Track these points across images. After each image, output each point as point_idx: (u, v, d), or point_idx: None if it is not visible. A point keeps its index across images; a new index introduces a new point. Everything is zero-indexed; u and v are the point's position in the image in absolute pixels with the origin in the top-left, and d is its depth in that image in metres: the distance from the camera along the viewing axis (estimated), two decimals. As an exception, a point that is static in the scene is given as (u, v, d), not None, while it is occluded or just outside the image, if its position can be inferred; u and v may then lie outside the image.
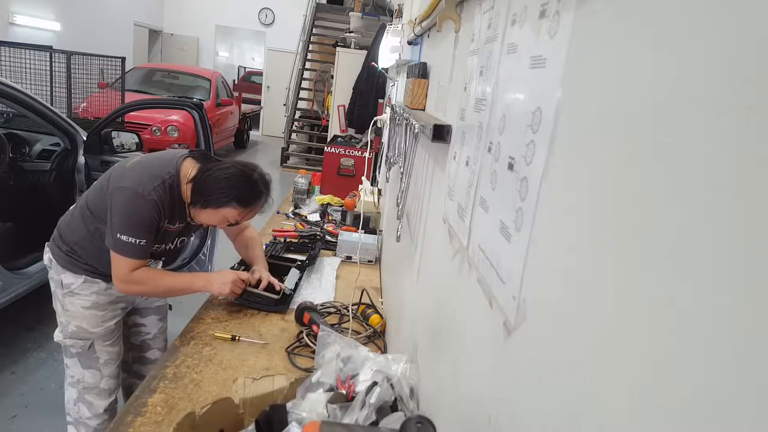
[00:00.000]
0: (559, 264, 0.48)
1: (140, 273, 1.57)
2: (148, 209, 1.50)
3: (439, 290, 1.01)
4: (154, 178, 1.53)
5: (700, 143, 0.31)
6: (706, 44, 0.31)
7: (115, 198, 1.51)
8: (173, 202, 1.57)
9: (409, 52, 2.05)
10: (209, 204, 1.55)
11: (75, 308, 1.66)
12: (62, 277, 1.65)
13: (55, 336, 1.71)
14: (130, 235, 1.50)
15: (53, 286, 1.69)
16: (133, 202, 1.49)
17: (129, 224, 1.50)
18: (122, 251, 1.52)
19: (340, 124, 6.29)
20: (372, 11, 6.63)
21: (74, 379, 1.72)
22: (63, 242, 1.66)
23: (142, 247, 1.53)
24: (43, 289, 2.89)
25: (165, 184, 1.53)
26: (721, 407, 0.27)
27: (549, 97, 0.53)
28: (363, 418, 0.99)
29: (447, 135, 1.04)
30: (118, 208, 1.50)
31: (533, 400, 0.50)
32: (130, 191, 1.50)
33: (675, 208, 0.32)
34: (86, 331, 1.67)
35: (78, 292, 1.65)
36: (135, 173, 1.54)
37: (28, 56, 5.10)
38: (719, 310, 0.28)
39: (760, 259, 0.25)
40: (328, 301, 1.95)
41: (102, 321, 1.69)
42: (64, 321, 1.68)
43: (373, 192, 2.93)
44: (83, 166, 3.09)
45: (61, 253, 1.65)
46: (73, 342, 1.68)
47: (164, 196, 1.53)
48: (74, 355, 1.70)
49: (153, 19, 11.70)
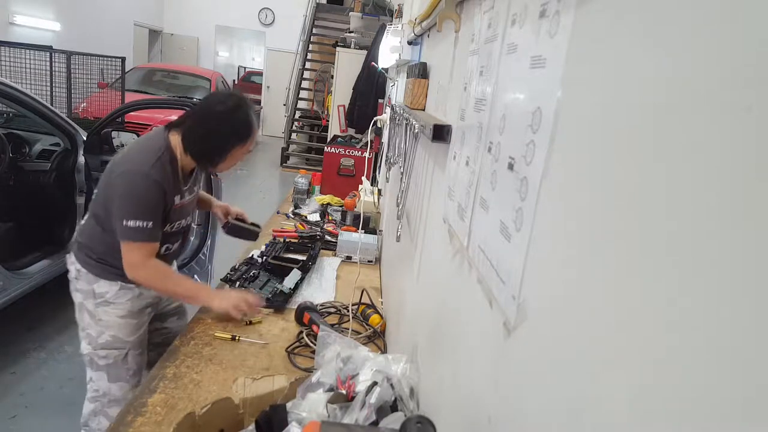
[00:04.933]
0: (559, 264, 0.48)
1: (155, 262, 1.56)
2: (151, 187, 1.48)
3: (439, 290, 1.01)
4: (149, 155, 1.51)
5: (700, 143, 0.31)
6: (706, 44, 0.31)
7: (116, 186, 1.49)
8: (173, 174, 1.56)
9: (409, 52, 2.05)
10: (219, 157, 1.58)
11: (110, 318, 1.62)
12: (95, 286, 1.61)
13: (82, 349, 1.66)
14: (137, 218, 1.47)
15: (80, 298, 1.63)
16: (135, 183, 1.47)
17: (134, 207, 1.48)
18: (132, 237, 1.49)
19: (340, 124, 6.29)
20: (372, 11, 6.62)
21: (99, 393, 1.67)
22: (92, 251, 1.62)
23: (150, 230, 1.50)
24: (43, 289, 2.89)
25: (161, 159, 1.51)
26: (721, 407, 0.27)
27: (549, 97, 0.53)
28: (363, 418, 0.99)
29: (447, 135, 1.04)
30: (120, 195, 1.49)
31: (533, 400, 0.50)
32: (129, 174, 1.48)
33: (675, 207, 0.32)
34: (122, 340, 1.63)
35: (113, 301, 1.61)
36: (128, 158, 1.53)
37: (28, 56, 5.10)
38: (719, 310, 0.28)
39: (760, 258, 0.25)
40: (328, 301, 1.95)
41: (136, 329, 1.67)
42: (93, 333, 1.62)
43: (373, 192, 2.93)
44: (83, 166, 3.08)
45: (92, 261, 1.61)
46: (106, 353, 1.63)
47: (163, 170, 1.51)
48: (102, 368, 1.65)
49: (153, 19, 11.70)
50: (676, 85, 0.34)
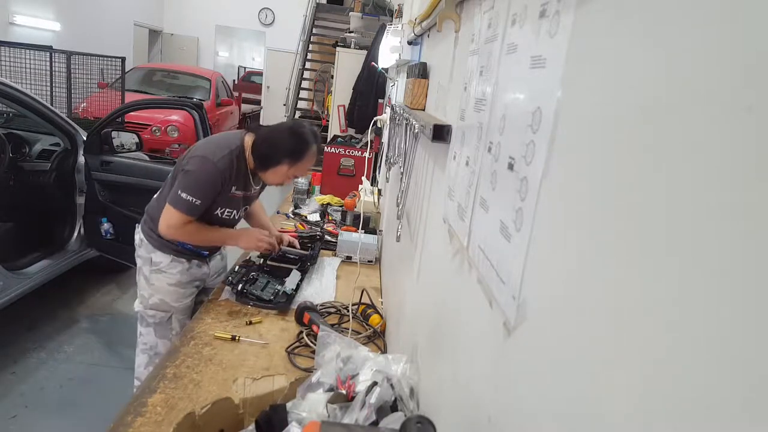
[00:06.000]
0: (559, 264, 0.48)
1: (189, 227, 1.77)
2: (214, 173, 1.72)
3: (439, 290, 1.01)
4: (223, 148, 1.75)
5: (700, 143, 0.31)
6: (706, 44, 0.31)
7: (188, 165, 1.74)
8: (239, 170, 1.79)
9: (409, 52, 2.05)
10: (268, 165, 1.79)
11: (160, 284, 1.88)
12: (152, 255, 1.88)
13: (135, 306, 1.94)
14: (189, 193, 1.70)
15: (140, 263, 1.92)
16: (202, 166, 1.72)
17: (193, 184, 1.71)
18: (178, 205, 1.71)
19: (340, 124, 6.28)
20: (372, 11, 6.61)
21: (147, 346, 1.94)
22: (154, 225, 1.84)
23: (196, 206, 1.72)
24: (43, 289, 2.89)
25: (232, 154, 1.75)
26: (721, 407, 0.27)
27: (549, 97, 0.53)
28: (363, 418, 0.99)
29: (447, 135, 1.04)
30: (188, 171, 1.73)
31: (533, 400, 0.50)
32: (200, 158, 1.73)
33: (675, 207, 0.32)
34: (167, 304, 1.90)
35: (165, 270, 1.88)
36: (207, 147, 1.78)
37: (28, 56, 5.10)
38: (719, 310, 0.28)
39: (761, 258, 0.25)
40: (328, 301, 1.95)
41: (182, 297, 1.92)
42: (146, 294, 1.90)
43: (373, 192, 2.93)
44: (83, 166, 3.08)
45: (153, 234, 1.86)
46: (154, 313, 1.90)
47: (230, 164, 1.74)
48: (150, 324, 1.92)
49: (153, 19, 11.70)
50: (676, 85, 0.34)
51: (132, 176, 3.02)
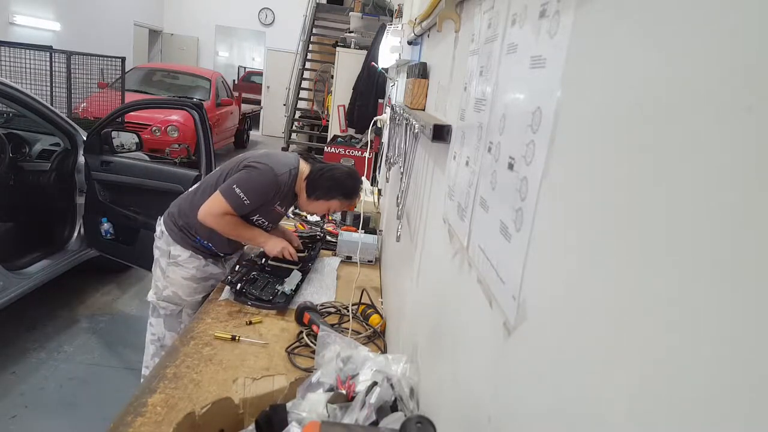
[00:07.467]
0: (559, 264, 0.48)
1: (228, 218, 1.84)
2: (272, 183, 1.83)
3: (439, 290, 1.01)
4: (285, 165, 1.88)
5: (700, 143, 0.31)
6: (705, 44, 0.31)
7: (250, 166, 1.83)
8: (289, 190, 1.92)
9: (409, 52, 2.05)
10: (322, 196, 1.93)
11: (175, 276, 1.94)
12: (171, 248, 1.94)
13: (148, 297, 2.00)
14: (243, 190, 1.79)
15: (158, 254, 1.98)
16: (265, 174, 1.82)
17: (250, 184, 1.81)
18: (228, 197, 1.80)
19: (340, 124, 6.28)
20: (372, 11, 6.61)
21: (155, 337, 2.00)
22: (179, 218, 1.94)
23: (244, 204, 1.81)
24: (43, 289, 2.89)
25: (291, 173, 1.88)
26: (721, 407, 0.27)
27: (549, 97, 0.53)
28: (363, 418, 0.99)
29: (447, 135, 1.04)
30: (249, 171, 1.82)
31: (533, 400, 0.50)
32: (267, 167, 1.83)
33: (675, 207, 0.32)
34: (180, 297, 1.96)
35: (182, 264, 1.94)
36: (270, 159, 1.88)
37: (28, 56, 5.10)
38: (719, 310, 0.28)
39: (761, 258, 0.25)
40: (328, 301, 1.95)
41: (194, 292, 1.98)
42: (160, 285, 1.96)
43: (373, 192, 2.93)
44: (83, 166, 3.08)
45: (175, 228, 1.93)
46: (166, 305, 1.96)
47: (286, 181, 1.87)
48: (161, 316, 1.98)
49: (153, 19, 11.70)
50: (676, 85, 0.34)
51: (132, 176, 3.02)
